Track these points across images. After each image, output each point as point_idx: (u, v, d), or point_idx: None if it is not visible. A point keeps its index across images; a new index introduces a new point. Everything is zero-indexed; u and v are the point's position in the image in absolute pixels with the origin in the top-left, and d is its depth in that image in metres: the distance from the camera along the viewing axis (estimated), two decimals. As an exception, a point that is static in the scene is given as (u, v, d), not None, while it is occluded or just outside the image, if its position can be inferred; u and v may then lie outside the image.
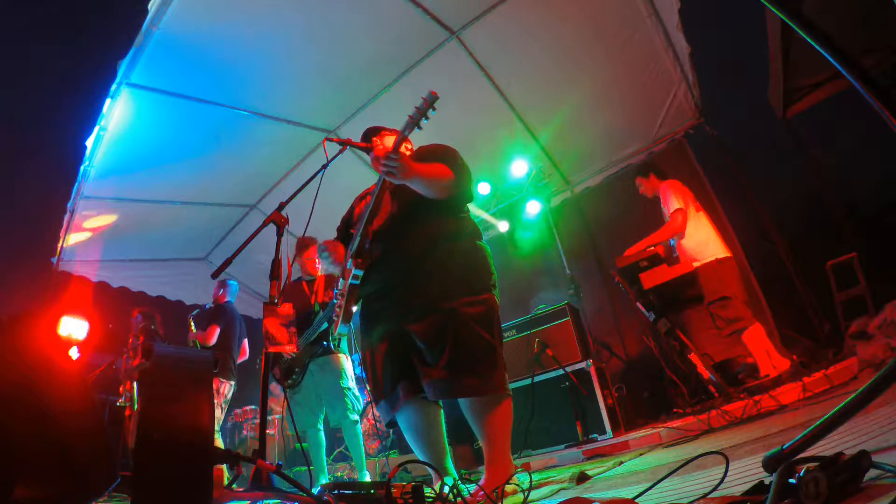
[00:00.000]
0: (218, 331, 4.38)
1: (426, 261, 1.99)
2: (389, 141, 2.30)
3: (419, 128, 1.82)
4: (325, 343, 3.32)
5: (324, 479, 3.47)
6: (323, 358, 3.41)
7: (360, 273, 2.04)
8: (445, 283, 1.96)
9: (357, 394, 3.51)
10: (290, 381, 3.43)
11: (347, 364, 3.53)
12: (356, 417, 3.42)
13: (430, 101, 1.78)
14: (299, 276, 3.74)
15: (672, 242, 3.82)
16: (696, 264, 3.58)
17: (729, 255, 3.62)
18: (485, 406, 1.90)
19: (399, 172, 1.82)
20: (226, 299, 4.67)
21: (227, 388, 4.46)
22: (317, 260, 3.57)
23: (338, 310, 2.14)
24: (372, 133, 2.35)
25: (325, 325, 3.17)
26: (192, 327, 4.51)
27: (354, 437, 3.40)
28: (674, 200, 3.69)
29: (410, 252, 2.02)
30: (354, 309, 2.16)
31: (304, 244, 3.71)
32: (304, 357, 3.39)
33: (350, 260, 2.05)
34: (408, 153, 2.36)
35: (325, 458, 3.56)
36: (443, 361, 1.86)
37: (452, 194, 2.06)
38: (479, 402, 1.90)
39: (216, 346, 4.36)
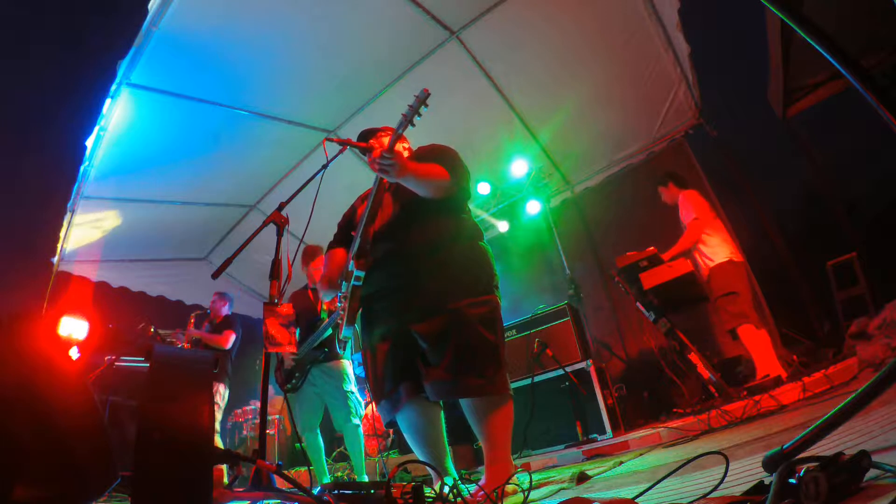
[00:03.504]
0: (234, 337, 4.56)
1: (428, 261, 1.99)
2: (387, 141, 2.30)
3: (412, 125, 1.86)
4: (326, 349, 3.32)
5: (325, 481, 3.47)
6: (325, 364, 3.41)
7: (362, 274, 2.04)
8: (448, 284, 1.96)
9: (359, 398, 3.51)
10: (290, 386, 3.43)
11: (349, 368, 3.53)
12: (358, 421, 3.42)
13: (423, 99, 1.81)
14: (307, 284, 3.74)
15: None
16: (709, 264, 3.61)
17: (742, 260, 3.67)
18: (487, 407, 1.90)
19: (393, 170, 1.86)
20: (228, 312, 4.84)
21: (223, 391, 4.54)
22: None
23: (342, 312, 2.14)
24: (369, 135, 2.34)
25: (329, 331, 3.16)
26: (193, 324, 4.57)
27: (356, 441, 3.40)
28: (691, 210, 3.74)
29: (411, 252, 2.02)
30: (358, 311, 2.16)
31: (310, 254, 3.70)
32: (307, 363, 3.39)
33: (352, 262, 2.05)
34: (405, 153, 2.36)
35: (325, 460, 3.56)
36: (445, 362, 1.86)
37: (450, 194, 2.07)
38: (481, 402, 1.91)
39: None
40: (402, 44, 4.08)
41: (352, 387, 3.46)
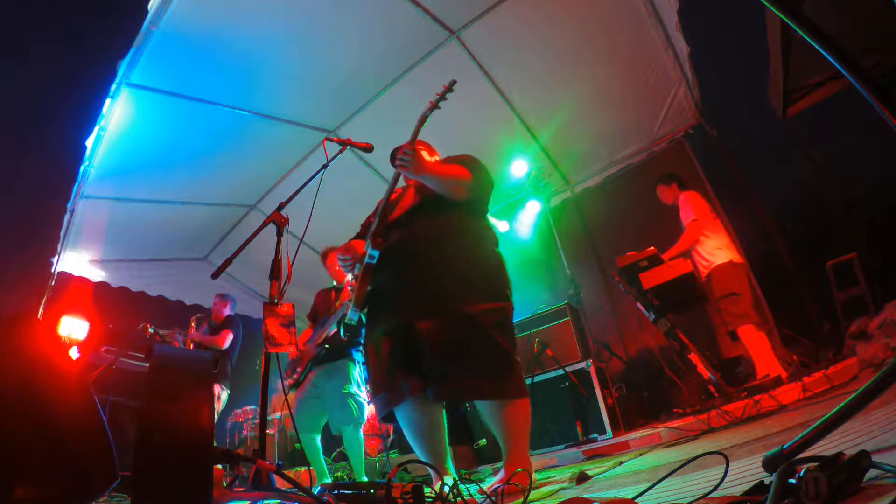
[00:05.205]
0: (231, 337, 4.55)
1: (438, 257, 2.01)
2: (425, 153, 2.33)
3: (438, 108, 2.03)
4: (326, 347, 3.28)
5: (325, 481, 3.45)
6: (326, 363, 3.38)
7: (376, 254, 2.05)
8: (465, 287, 1.97)
9: (360, 400, 3.42)
10: (290, 380, 3.42)
11: (354, 370, 3.49)
12: (357, 426, 3.38)
13: (450, 86, 2.01)
14: (332, 285, 3.76)
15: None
16: (709, 265, 3.61)
17: (742, 262, 3.67)
18: (502, 408, 1.92)
19: (411, 167, 1.97)
20: (230, 313, 4.84)
21: (221, 393, 4.54)
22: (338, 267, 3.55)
23: (350, 292, 2.14)
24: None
25: (334, 327, 3.12)
26: (194, 326, 4.56)
27: (355, 444, 3.36)
28: (690, 212, 3.75)
29: (424, 244, 2.04)
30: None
31: (325, 254, 3.76)
32: (310, 361, 3.37)
33: (368, 241, 2.07)
34: (432, 160, 2.39)
35: (323, 460, 3.54)
36: (459, 365, 1.87)
37: (469, 195, 2.12)
38: (496, 404, 1.93)
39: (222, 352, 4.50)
40: (402, 44, 4.07)
41: (354, 388, 3.40)
